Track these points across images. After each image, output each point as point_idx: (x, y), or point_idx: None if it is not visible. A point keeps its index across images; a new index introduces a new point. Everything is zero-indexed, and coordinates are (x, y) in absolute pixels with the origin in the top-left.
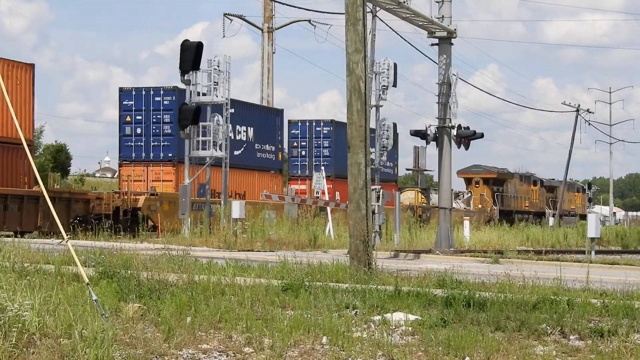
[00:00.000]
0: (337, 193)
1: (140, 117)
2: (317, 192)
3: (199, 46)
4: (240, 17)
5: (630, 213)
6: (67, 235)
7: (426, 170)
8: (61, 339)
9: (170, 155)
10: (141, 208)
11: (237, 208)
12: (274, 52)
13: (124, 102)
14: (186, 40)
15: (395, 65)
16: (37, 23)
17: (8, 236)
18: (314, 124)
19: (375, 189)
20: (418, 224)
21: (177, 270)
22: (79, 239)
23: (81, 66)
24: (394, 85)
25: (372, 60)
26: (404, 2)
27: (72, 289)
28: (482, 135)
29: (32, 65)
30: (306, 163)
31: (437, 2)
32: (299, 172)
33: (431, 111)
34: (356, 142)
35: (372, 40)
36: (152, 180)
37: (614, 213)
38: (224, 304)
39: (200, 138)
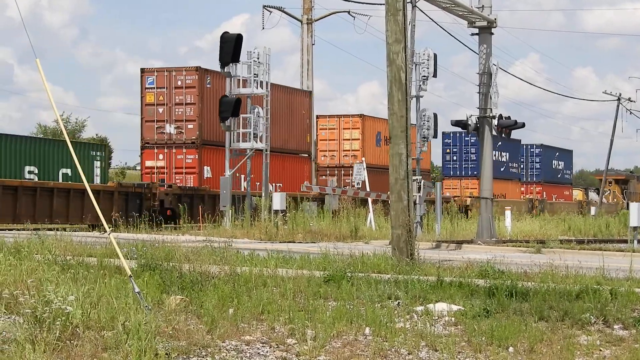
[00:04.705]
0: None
1: None
2: (358, 184)
3: (238, 38)
4: (279, 8)
5: None
6: (109, 228)
7: None
8: (104, 331)
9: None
10: None
11: (278, 200)
12: (313, 44)
13: None
14: (226, 33)
15: (435, 55)
16: (77, 17)
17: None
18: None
19: (417, 179)
20: (582, 215)
21: (219, 262)
22: (120, 232)
23: (121, 60)
24: (434, 75)
25: (412, 50)
26: None
27: (114, 281)
28: (523, 125)
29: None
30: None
31: None
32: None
33: (471, 101)
34: (397, 133)
35: (412, 30)
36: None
37: None
38: (266, 295)
39: (241, 130)
